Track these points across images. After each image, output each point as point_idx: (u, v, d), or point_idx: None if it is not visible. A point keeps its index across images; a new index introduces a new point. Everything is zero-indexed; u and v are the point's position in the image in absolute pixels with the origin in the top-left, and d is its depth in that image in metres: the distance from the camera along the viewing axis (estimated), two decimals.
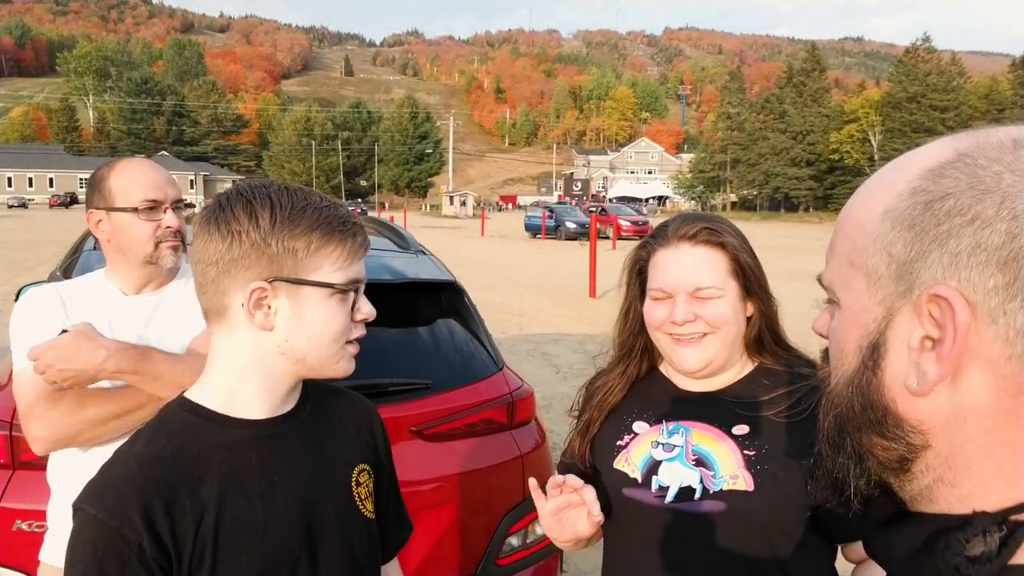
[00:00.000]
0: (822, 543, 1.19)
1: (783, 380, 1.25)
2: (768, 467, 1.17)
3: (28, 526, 1.94)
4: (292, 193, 0.97)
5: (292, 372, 1.00)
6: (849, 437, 0.56)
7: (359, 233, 1.00)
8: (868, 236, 0.53)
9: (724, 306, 1.23)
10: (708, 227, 1.25)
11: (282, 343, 0.97)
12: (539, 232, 31.37)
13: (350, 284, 0.98)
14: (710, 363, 1.24)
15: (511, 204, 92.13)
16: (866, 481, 0.56)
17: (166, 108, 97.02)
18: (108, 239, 1.64)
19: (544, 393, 6.37)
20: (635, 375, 1.35)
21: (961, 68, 63.21)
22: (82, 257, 2.52)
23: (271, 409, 1.01)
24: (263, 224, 0.93)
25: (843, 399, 0.56)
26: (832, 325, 0.59)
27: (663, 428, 1.26)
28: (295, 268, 0.95)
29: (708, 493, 1.18)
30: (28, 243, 22.21)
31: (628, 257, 1.35)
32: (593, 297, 12.77)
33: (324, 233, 0.96)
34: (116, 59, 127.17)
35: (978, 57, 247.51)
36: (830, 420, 0.58)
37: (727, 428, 1.22)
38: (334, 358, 1.00)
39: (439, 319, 2.61)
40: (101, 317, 1.61)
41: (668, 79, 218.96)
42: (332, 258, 0.96)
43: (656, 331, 1.27)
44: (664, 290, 1.24)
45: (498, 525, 2.34)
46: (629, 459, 1.27)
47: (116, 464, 0.94)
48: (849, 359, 0.55)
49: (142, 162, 1.69)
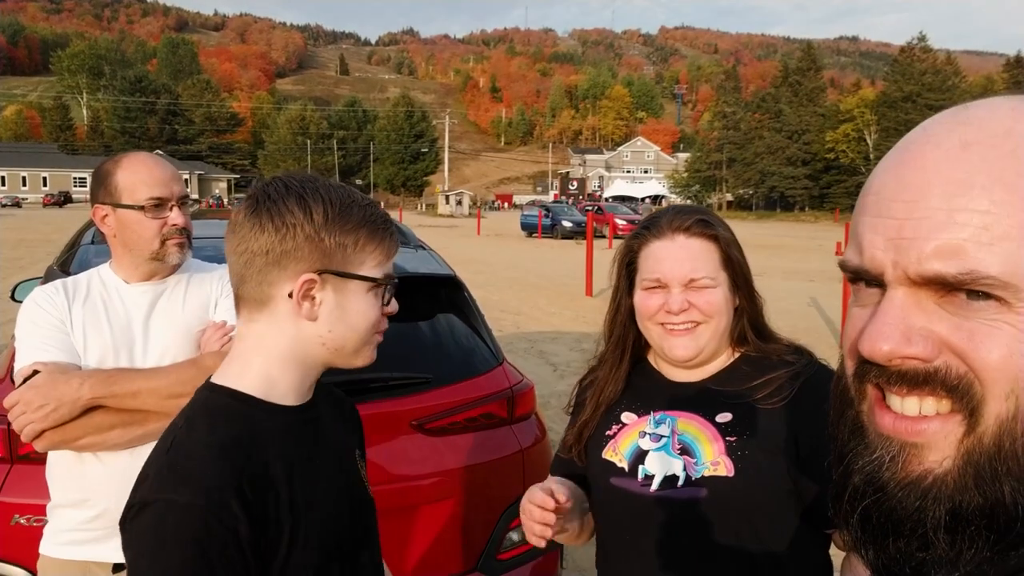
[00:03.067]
0: (812, 529, 1.19)
1: (766, 367, 1.26)
2: (749, 452, 1.19)
3: (27, 520, 1.93)
4: (340, 190, 1.03)
5: (326, 361, 1.05)
6: (1009, 487, 0.45)
7: (395, 233, 1.08)
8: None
9: (718, 295, 1.25)
10: (702, 219, 1.27)
11: (324, 333, 1.01)
12: (535, 231, 31.34)
13: (387, 279, 1.05)
14: (701, 352, 1.26)
15: (507, 203, 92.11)
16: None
17: (160, 107, 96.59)
18: (114, 234, 1.65)
19: (542, 391, 6.36)
20: (628, 370, 1.36)
21: (956, 67, 63.39)
22: (80, 251, 2.51)
23: (301, 397, 1.06)
24: (317, 218, 0.98)
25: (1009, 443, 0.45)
26: (1005, 341, 0.44)
27: (650, 418, 1.28)
28: (344, 262, 1.00)
29: (690, 480, 1.20)
30: (21, 242, 22.11)
31: (618, 249, 1.36)
32: (590, 296, 12.78)
33: (370, 231, 1.02)
34: (110, 57, 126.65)
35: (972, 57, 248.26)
36: (980, 476, 0.46)
37: (711, 417, 1.24)
38: (367, 347, 1.06)
39: (439, 314, 2.61)
40: (106, 309, 1.63)
41: (664, 78, 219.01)
42: (375, 254, 1.03)
43: (647, 321, 1.28)
44: (660, 280, 1.25)
45: (499, 520, 2.33)
46: (617, 449, 1.29)
47: (190, 453, 0.95)
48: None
49: (148, 158, 1.69)
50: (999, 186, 0.44)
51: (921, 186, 0.47)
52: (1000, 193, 0.44)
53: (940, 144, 0.47)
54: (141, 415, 1.51)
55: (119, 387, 1.49)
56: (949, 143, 0.46)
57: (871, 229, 0.49)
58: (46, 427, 1.45)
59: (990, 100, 0.48)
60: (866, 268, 0.49)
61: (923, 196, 0.46)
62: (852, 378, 0.52)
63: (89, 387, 1.46)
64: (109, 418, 1.50)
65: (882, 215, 0.49)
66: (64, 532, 1.62)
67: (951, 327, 0.46)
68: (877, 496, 0.49)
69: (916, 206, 0.46)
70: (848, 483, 0.51)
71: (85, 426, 1.48)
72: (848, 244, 0.52)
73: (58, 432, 1.47)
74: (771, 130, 65.98)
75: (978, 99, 0.49)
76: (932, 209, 0.46)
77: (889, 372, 0.48)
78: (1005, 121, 0.46)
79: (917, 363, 0.47)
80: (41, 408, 1.43)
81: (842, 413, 0.54)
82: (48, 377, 1.46)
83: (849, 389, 0.53)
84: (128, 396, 1.49)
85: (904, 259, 0.47)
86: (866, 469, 0.50)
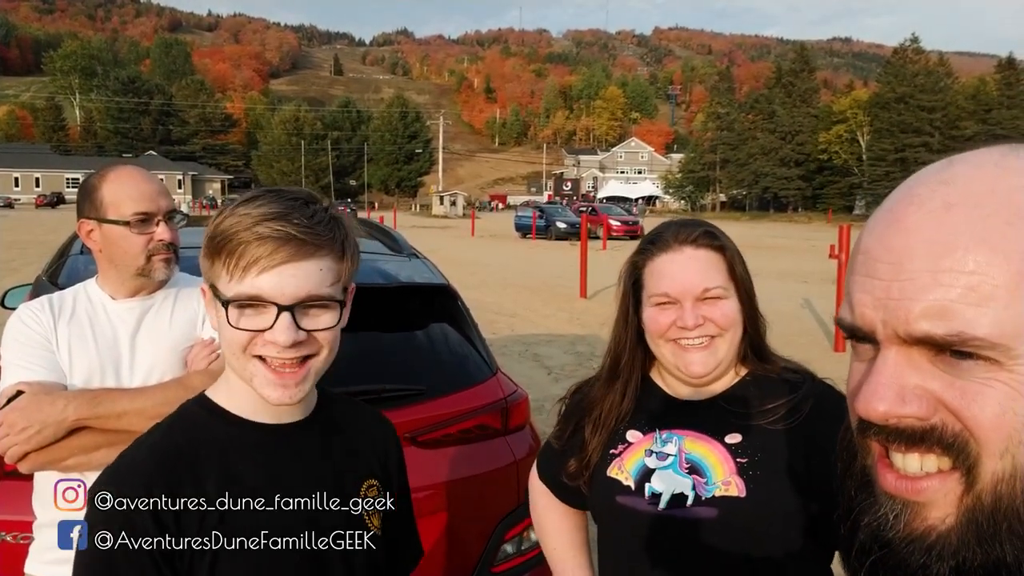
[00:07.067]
0: (818, 549, 1.18)
1: (774, 387, 1.24)
2: (760, 473, 1.17)
3: (12, 538, 1.90)
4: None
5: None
6: (1010, 545, 0.45)
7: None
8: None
9: (732, 306, 1.22)
10: (708, 231, 1.25)
11: None
12: (529, 232, 31.37)
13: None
14: (718, 366, 1.22)
15: (501, 203, 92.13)
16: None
17: (153, 107, 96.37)
18: (100, 249, 1.63)
19: (536, 395, 6.33)
20: (635, 393, 1.32)
21: (949, 69, 63.58)
22: (69, 261, 2.48)
23: (277, 416, 1.02)
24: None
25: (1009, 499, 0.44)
26: (997, 399, 0.44)
27: (656, 436, 1.26)
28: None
29: (700, 500, 1.18)
30: (14, 243, 21.98)
31: (624, 266, 1.33)
32: (584, 297, 12.76)
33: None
34: (103, 58, 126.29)
35: (965, 58, 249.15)
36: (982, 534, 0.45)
37: (720, 436, 1.22)
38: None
39: (432, 324, 2.58)
40: (92, 326, 1.60)
41: (658, 79, 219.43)
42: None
43: (659, 339, 1.23)
44: (669, 295, 1.21)
45: (493, 532, 2.31)
46: (623, 467, 1.26)
47: (130, 452, 0.98)
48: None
49: (134, 172, 1.66)
50: (984, 247, 0.44)
51: (905, 248, 0.47)
52: (985, 254, 0.44)
53: (923, 205, 0.47)
54: (127, 435, 1.48)
55: (104, 408, 1.47)
56: (932, 204, 0.47)
57: (860, 288, 0.49)
58: (30, 449, 1.42)
59: (976, 154, 0.48)
60: (858, 326, 0.50)
61: (908, 258, 0.46)
62: (856, 432, 0.52)
63: (74, 408, 1.44)
64: (94, 438, 1.47)
65: (870, 275, 0.49)
66: (49, 551, 1.58)
67: (944, 385, 0.46)
68: (883, 552, 0.49)
69: (901, 268, 0.47)
70: (855, 539, 0.51)
71: (70, 447, 1.46)
72: (843, 302, 0.53)
73: (43, 454, 1.45)
74: (765, 131, 66.20)
75: (965, 152, 0.49)
76: (917, 271, 0.46)
77: (888, 430, 0.48)
78: (988, 179, 0.46)
79: (914, 421, 0.47)
80: (25, 430, 1.41)
81: (849, 465, 0.54)
82: (32, 398, 1.44)
83: (855, 442, 0.53)
84: (113, 417, 1.47)
85: (893, 319, 0.47)
86: (872, 526, 0.50)
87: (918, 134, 57.30)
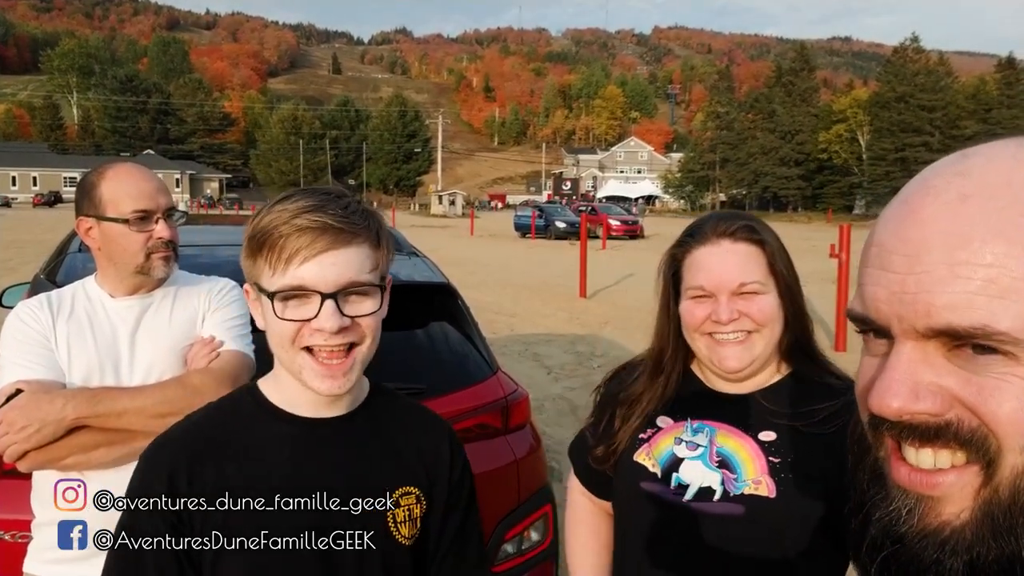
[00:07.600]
0: (833, 551, 1.16)
1: (815, 390, 1.21)
2: (792, 476, 1.15)
3: (11, 536, 1.89)
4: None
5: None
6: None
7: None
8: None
9: (770, 302, 1.19)
10: (747, 224, 1.22)
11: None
12: (529, 232, 31.34)
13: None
14: (753, 362, 1.19)
15: (500, 203, 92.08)
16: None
17: (151, 106, 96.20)
18: (99, 247, 1.62)
19: (536, 394, 6.33)
20: (676, 386, 1.29)
21: (948, 68, 63.68)
22: (67, 259, 2.47)
23: (315, 407, 1.04)
24: None
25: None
26: (1015, 395, 0.44)
27: (687, 425, 1.24)
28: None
29: (728, 495, 1.16)
30: (12, 243, 21.95)
31: (662, 258, 1.30)
32: (583, 297, 12.76)
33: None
34: (100, 56, 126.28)
35: (965, 57, 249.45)
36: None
37: (754, 433, 1.20)
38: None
39: (432, 322, 2.57)
40: (91, 324, 1.59)
41: (657, 78, 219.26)
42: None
43: (694, 332, 1.21)
44: (705, 288, 1.19)
45: (493, 532, 2.30)
46: (651, 453, 1.24)
47: (167, 432, 1.03)
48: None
49: (132, 169, 1.65)
50: (1000, 239, 0.43)
51: (921, 240, 0.46)
52: (1002, 246, 0.43)
53: (939, 197, 0.46)
54: (126, 434, 1.48)
55: (103, 407, 1.46)
56: (947, 196, 0.46)
57: (874, 282, 0.49)
58: (29, 448, 1.42)
59: (991, 146, 0.48)
60: (871, 319, 0.49)
61: (924, 250, 0.46)
62: (868, 427, 0.51)
63: (73, 407, 1.43)
64: (94, 437, 1.47)
65: (884, 268, 0.48)
66: (48, 550, 1.58)
67: (960, 381, 0.46)
68: (895, 548, 0.48)
69: (918, 260, 0.46)
70: (867, 533, 0.51)
71: (69, 446, 1.45)
72: (855, 293, 0.52)
73: (42, 452, 1.44)
74: (764, 130, 66.23)
75: (979, 144, 0.48)
76: (933, 263, 0.45)
77: (901, 426, 0.47)
78: (1004, 171, 0.45)
79: (928, 417, 0.46)
80: (24, 429, 1.41)
81: (861, 459, 0.53)
82: (31, 397, 1.43)
83: (866, 436, 0.52)
84: (113, 416, 1.46)
85: (910, 313, 0.46)
86: (884, 520, 0.49)
87: (918, 133, 57.38)
